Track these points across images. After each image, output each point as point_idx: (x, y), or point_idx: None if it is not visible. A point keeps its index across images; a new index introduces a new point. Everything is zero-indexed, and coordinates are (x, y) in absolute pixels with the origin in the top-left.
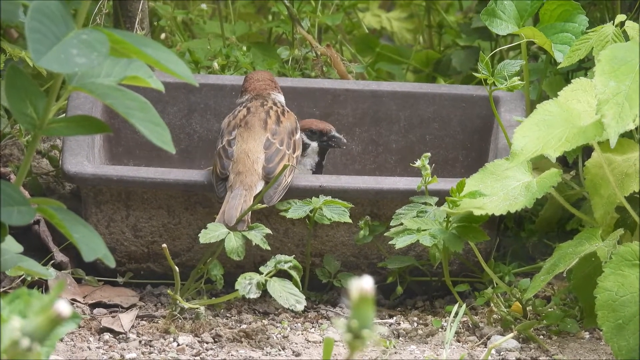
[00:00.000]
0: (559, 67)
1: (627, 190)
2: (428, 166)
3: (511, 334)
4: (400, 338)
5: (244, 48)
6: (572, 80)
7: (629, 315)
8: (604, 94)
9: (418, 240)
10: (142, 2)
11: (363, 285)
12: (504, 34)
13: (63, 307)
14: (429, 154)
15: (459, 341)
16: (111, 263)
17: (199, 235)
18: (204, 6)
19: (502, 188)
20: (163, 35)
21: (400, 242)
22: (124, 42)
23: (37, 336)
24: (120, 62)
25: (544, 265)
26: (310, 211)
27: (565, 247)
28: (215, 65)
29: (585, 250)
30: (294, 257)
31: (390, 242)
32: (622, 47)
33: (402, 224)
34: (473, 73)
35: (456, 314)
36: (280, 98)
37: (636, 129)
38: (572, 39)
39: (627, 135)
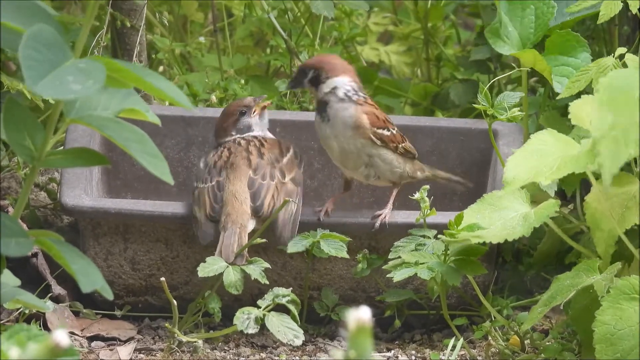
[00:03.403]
0: (557, 97)
1: (628, 223)
2: (427, 199)
3: None
4: None
5: (242, 81)
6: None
7: (627, 348)
8: (601, 130)
9: (416, 274)
10: (140, 35)
11: (361, 316)
12: (507, 54)
13: (61, 337)
14: (427, 187)
15: None
16: (109, 295)
17: (198, 268)
18: (202, 39)
19: (499, 218)
20: (161, 68)
21: (398, 276)
22: (124, 70)
23: None
24: (117, 95)
25: (542, 298)
26: (309, 245)
27: (563, 280)
28: (213, 98)
29: (583, 282)
30: (291, 290)
31: (388, 276)
32: (621, 75)
33: (400, 257)
34: (473, 105)
35: (453, 347)
36: (232, 138)
37: (635, 161)
38: (572, 72)
39: (626, 169)
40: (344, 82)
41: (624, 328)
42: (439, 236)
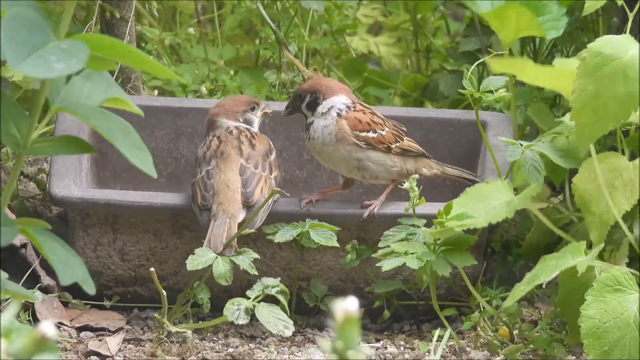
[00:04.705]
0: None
1: (619, 207)
2: (416, 188)
3: (498, 358)
4: None
5: (232, 72)
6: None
7: (613, 340)
8: (580, 101)
9: (405, 264)
10: (129, 25)
11: (348, 306)
12: (487, 10)
13: (47, 328)
14: (416, 176)
15: None
16: (91, 289)
17: (187, 261)
18: (191, 30)
19: (484, 207)
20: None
21: (387, 265)
22: (110, 47)
23: (22, 357)
24: (100, 84)
25: (526, 276)
26: (298, 235)
27: (549, 259)
28: (203, 89)
29: (567, 264)
30: (280, 281)
31: (377, 265)
32: (612, 42)
33: (389, 246)
34: (461, 91)
35: (441, 338)
36: (234, 124)
37: (621, 140)
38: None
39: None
40: (340, 101)
41: (609, 320)
42: (427, 227)
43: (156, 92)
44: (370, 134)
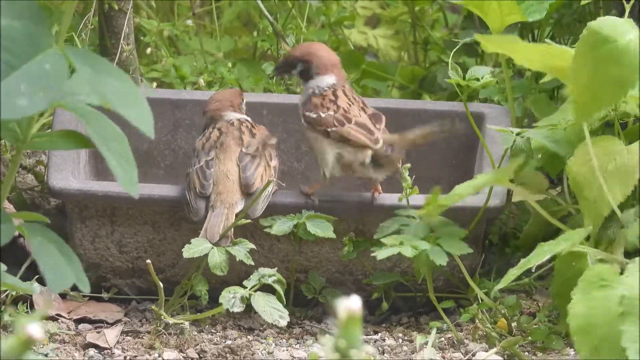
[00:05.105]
0: (541, 81)
1: (613, 193)
2: (408, 178)
3: (494, 350)
4: (385, 354)
5: (229, 64)
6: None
7: (602, 336)
8: (577, 78)
9: (401, 255)
10: (127, 17)
11: (351, 305)
12: None
13: (34, 329)
14: (408, 165)
15: (444, 358)
16: (85, 287)
17: (183, 249)
18: (189, 22)
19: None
20: (149, 50)
21: (381, 255)
22: None
23: (11, 356)
24: (97, 85)
25: (520, 261)
26: (295, 226)
27: (544, 246)
28: (201, 81)
29: (560, 248)
30: (277, 271)
31: (372, 254)
32: (612, 23)
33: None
34: (447, 80)
35: (439, 330)
36: (239, 116)
37: (619, 132)
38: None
39: (608, 132)
40: (326, 82)
41: (597, 317)
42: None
43: (154, 84)
44: (312, 115)
